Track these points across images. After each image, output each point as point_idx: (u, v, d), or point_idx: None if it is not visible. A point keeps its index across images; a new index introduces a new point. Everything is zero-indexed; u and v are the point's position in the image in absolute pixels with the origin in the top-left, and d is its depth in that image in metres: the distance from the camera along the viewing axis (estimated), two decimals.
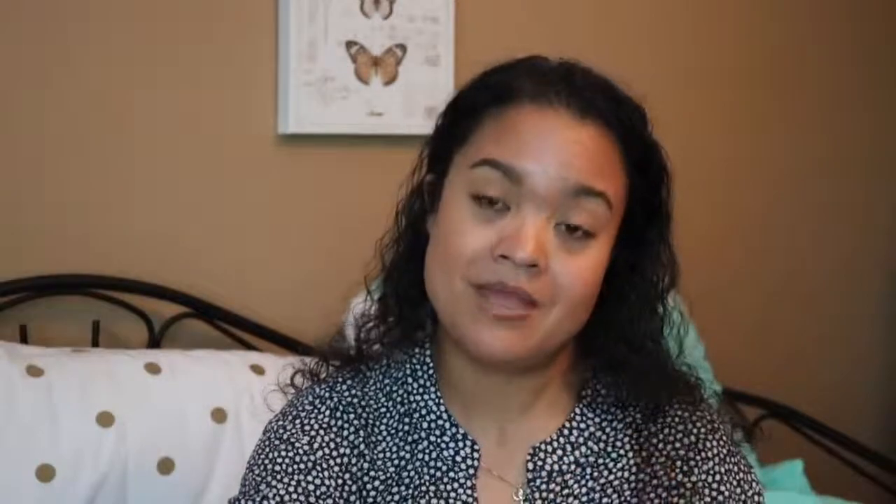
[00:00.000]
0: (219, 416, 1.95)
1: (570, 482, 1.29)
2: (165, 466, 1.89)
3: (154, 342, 2.17)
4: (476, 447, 1.29)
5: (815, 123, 2.99)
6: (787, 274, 2.99)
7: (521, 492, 1.28)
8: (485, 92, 1.27)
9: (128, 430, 1.88)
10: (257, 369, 2.03)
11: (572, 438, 1.30)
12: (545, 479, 1.28)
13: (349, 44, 2.35)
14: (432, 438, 1.29)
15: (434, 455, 1.29)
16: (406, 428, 1.30)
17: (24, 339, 2.07)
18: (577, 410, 1.32)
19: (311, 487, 1.25)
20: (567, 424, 1.31)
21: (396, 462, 1.29)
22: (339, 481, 1.26)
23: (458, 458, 1.28)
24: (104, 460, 1.85)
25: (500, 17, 2.51)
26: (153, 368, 1.96)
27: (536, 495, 1.28)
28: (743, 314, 2.89)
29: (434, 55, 2.42)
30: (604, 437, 1.31)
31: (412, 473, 1.28)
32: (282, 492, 1.24)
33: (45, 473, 1.81)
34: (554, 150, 1.21)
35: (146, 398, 1.92)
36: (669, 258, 1.32)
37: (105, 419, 1.87)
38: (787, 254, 2.98)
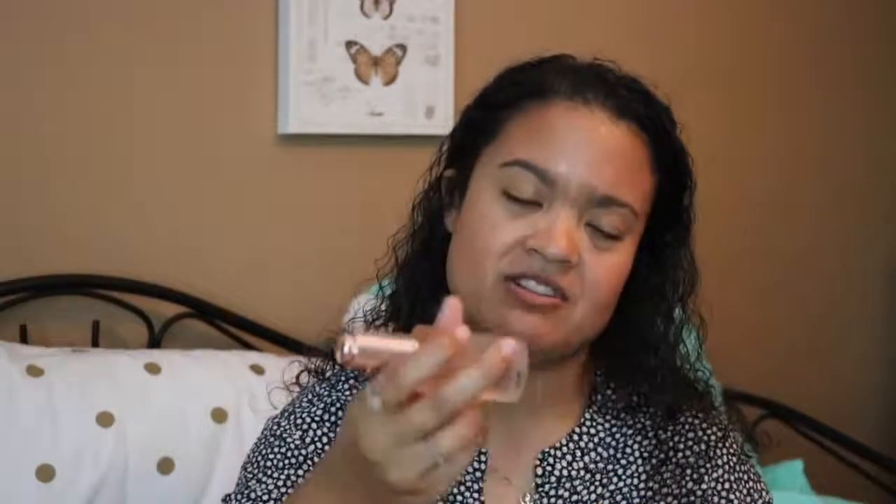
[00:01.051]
0: (219, 416, 1.95)
1: (580, 488, 1.28)
2: (165, 466, 1.89)
3: (154, 342, 2.17)
4: (484, 451, 1.28)
5: (814, 123, 2.99)
6: (787, 274, 2.99)
7: (529, 497, 1.27)
8: (517, 88, 1.26)
9: (128, 430, 1.88)
10: (257, 369, 2.03)
11: (582, 444, 1.29)
12: (554, 485, 1.27)
13: (349, 44, 2.35)
14: None
15: None
16: None
17: (24, 339, 2.07)
18: (588, 416, 1.31)
19: (301, 482, 1.24)
20: (577, 430, 1.30)
21: None
22: None
23: None
24: (104, 460, 1.85)
25: (500, 17, 2.51)
26: (153, 368, 1.96)
27: (545, 501, 1.27)
28: (743, 314, 2.88)
29: (434, 55, 2.42)
30: (614, 444, 1.30)
31: None
32: (271, 486, 1.24)
33: (45, 473, 1.81)
34: (587, 152, 1.21)
35: (146, 398, 1.92)
36: (690, 263, 1.32)
37: (105, 419, 1.87)
38: (786, 253, 2.98)
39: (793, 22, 2.94)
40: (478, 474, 1.27)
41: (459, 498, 1.27)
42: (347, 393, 1.32)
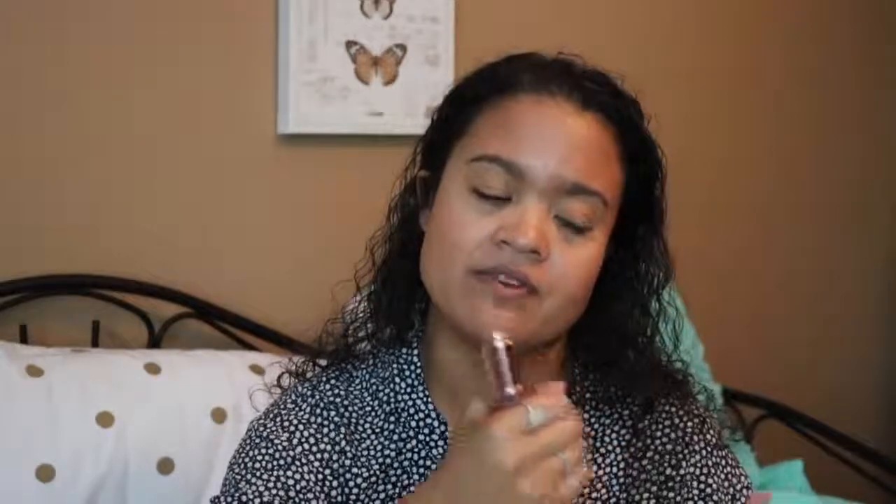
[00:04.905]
0: (219, 416, 1.95)
1: None
2: (165, 466, 1.89)
3: (154, 342, 2.17)
4: None
5: (813, 123, 3.00)
6: (787, 274, 2.99)
7: None
8: (484, 84, 1.28)
9: (128, 430, 1.88)
10: (257, 369, 2.03)
11: None
12: None
13: (349, 44, 2.35)
14: (420, 437, 1.29)
15: (423, 454, 1.29)
16: (391, 427, 1.31)
17: (24, 339, 2.07)
18: None
19: (290, 482, 1.25)
20: None
21: (381, 460, 1.29)
22: (320, 476, 1.26)
23: None
24: (104, 460, 1.85)
25: (500, 17, 2.52)
26: (153, 368, 1.96)
27: None
28: (742, 314, 2.89)
29: (434, 55, 2.42)
30: (593, 434, 1.32)
31: (399, 472, 1.29)
32: (261, 488, 1.24)
33: (45, 473, 1.81)
34: (554, 143, 1.22)
35: (146, 398, 1.92)
36: (663, 254, 1.32)
37: (105, 419, 1.87)
38: (786, 254, 2.98)
39: (792, 22, 2.94)
40: None
41: None
42: (329, 393, 1.32)
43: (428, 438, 1.29)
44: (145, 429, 1.90)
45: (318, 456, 1.27)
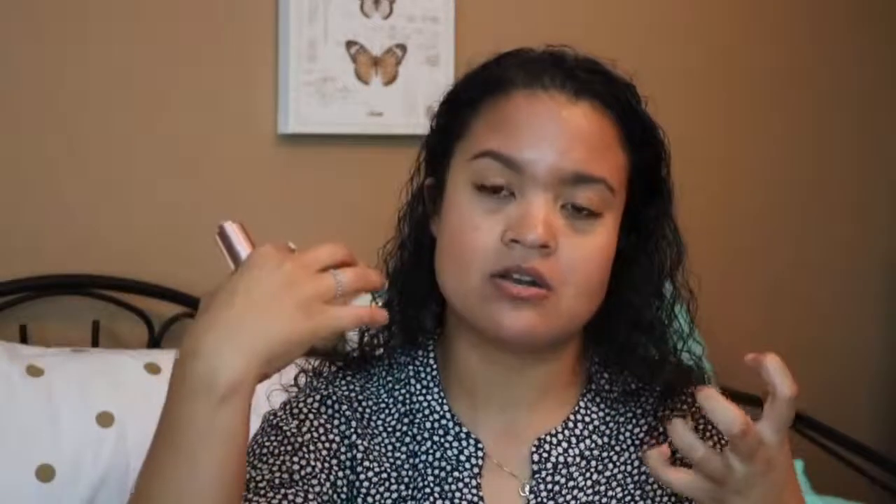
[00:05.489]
0: None
1: (576, 474, 1.29)
2: None
3: (154, 342, 2.17)
4: (480, 446, 1.29)
5: (813, 123, 2.99)
6: (788, 274, 2.99)
7: (528, 487, 1.28)
8: (478, 86, 1.28)
9: (128, 430, 1.88)
10: None
11: (577, 431, 1.31)
12: (550, 471, 1.29)
13: (349, 44, 2.35)
14: (435, 438, 1.29)
15: (438, 455, 1.29)
16: (404, 428, 1.30)
17: (24, 339, 2.07)
18: (582, 404, 1.32)
19: (295, 467, 1.24)
20: (572, 417, 1.31)
21: (392, 460, 1.29)
22: (326, 465, 1.26)
23: (462, 458, 1.28)
24: (104, 460, 1.85)
25: (500, 17, 2.52)
26: (153, 368, 1.96)
27: (542, 487, 1.28)
28: (743, 314, 2.89)
29: (434, 55, 2.42)
30: (607, 431, 1.32)
31: (412, 473, 1.28)
32: (265, 471, 1.24)
33: (45, 473, 1.81)
34: (551, 135, 1.22)
35: (146, 398, 1.92)
36: (674, 233, 1.32)
37: (105, 419, 1.87)
38: (786, 253, 2.98)
39: (792, 22, 2.94)
40: (475, 470, 1.28)
41: (458, 495, 1.27)
42: (344, 388, 1.32)
43: (442, 440, 1.29)
44: (145, 429, 1.87)
45: (326, 445, 1.27)
